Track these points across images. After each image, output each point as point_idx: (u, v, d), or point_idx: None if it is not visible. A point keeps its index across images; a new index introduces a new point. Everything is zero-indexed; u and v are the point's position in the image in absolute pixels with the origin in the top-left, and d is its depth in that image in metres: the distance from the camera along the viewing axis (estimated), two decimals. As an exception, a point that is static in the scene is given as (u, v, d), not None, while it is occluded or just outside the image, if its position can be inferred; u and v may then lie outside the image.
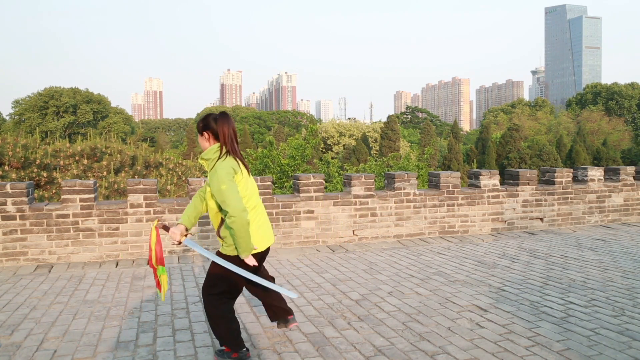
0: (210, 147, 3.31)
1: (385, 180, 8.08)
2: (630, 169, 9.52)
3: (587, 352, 3.55)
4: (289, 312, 3.78)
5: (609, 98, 78.21)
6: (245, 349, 3.38)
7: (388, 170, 15.00)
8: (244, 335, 3.90)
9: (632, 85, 79.34)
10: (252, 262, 3.28)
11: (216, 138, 3.31)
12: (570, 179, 8.88)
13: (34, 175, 10.24)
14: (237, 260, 3.30)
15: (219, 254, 3.40)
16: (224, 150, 3.28)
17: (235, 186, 3.17)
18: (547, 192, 8.67)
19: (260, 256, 3.43)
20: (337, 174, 15.96)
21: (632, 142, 60.78)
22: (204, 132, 3.33)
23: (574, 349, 3.61)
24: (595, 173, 9.11)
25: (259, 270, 3.56)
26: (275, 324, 4.08)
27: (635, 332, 3.91)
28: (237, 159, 3.31)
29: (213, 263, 3.39)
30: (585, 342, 3.73)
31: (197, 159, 3.76)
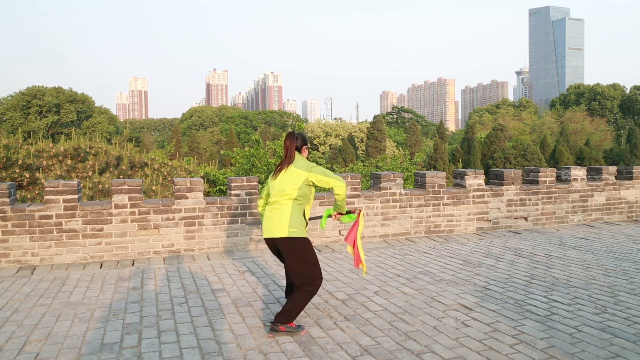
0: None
1: (372, 180, 8.11)
2: (612, 169, 9.67)
3: (570, 350, 3.59)
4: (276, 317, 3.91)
5: (591, 99, 79.25)
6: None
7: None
8: (229, 336, 3.89)
9: (614, 86, 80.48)
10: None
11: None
12: (553, 178, 8.99)
13: (16, 176, 10.09)
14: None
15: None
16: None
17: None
18: (531, 191, 8.76)
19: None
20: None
21: (614, 142, 61.70)
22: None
23: (557, 346, 3.66)
24: (578, 173, 9.23)
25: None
26: (263, 324, 4.12)
27: (616, 329, 3.97)
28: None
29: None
30: (569, 339, 3.78)
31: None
